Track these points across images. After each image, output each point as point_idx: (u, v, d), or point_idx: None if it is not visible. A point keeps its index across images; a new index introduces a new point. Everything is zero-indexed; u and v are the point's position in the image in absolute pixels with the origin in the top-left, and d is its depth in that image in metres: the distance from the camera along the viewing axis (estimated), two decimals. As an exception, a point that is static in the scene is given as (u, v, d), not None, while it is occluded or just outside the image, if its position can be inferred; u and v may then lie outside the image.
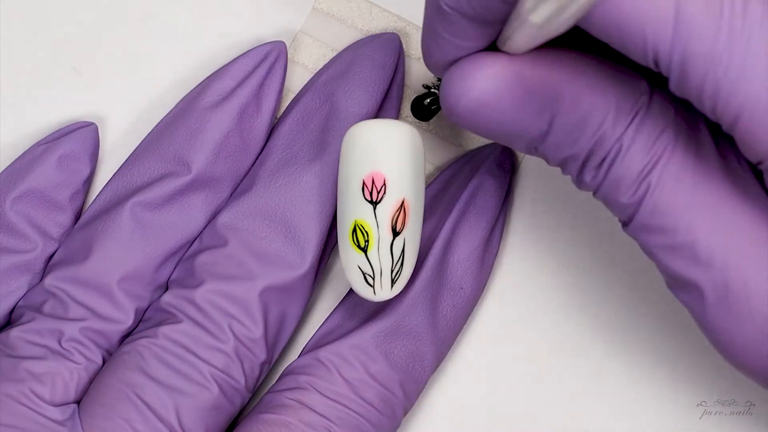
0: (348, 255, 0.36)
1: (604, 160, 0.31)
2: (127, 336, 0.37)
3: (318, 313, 0.40)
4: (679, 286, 0.32)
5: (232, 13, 0.41)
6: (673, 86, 0.29)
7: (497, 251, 0.40)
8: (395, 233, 0.36)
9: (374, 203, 0.35)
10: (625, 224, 0.32)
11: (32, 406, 0.35)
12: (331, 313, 0.39)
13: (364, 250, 0.36)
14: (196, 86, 0.39)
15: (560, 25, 0.27)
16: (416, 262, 0.37)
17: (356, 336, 0.38)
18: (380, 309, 0.38)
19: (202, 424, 0.36)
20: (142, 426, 0.35)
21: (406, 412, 0.38)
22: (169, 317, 0.37)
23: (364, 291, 0.36)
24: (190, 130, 0.38)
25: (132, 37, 0.41)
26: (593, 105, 0.31)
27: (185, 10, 0.41)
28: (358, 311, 0.39)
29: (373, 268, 0.36)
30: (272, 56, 0.39)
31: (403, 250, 0.36)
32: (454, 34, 0.32)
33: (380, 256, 0.36)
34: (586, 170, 0.32)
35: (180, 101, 0.39)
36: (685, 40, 0.28)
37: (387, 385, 0.37)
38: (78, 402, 0.36)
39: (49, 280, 0.37)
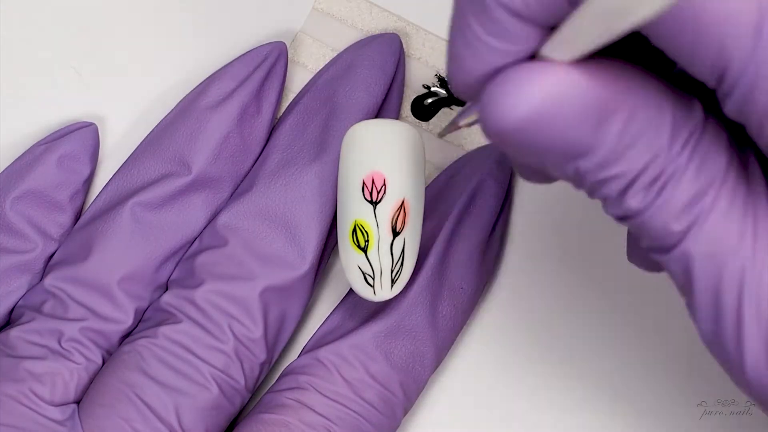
0: (348, 255, 0.36)
1: (656, 180, 0.28)
2: (127, 336, 0.37)
3: (318, 313, 0.40)
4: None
5: (232, 13, 0.41)
6: (731, 107, 0.27)
7: (498, 251, 0.40)
8: (395, 233, 0.36)
9: (374, 203, 0.35)
10: (665, 251, 0.29)
11: (32, 406, 0.35)
12: (331, 313, 0.39)
13: (364, 250, 0.36)
14: (197, 86, 0.39)
15: (634, 19, 0.25)
16: (416, 262, 0.37)
17: (356, 336, 0.38)
18: (380, 309, 0.38)
19: (201, 424, 0.36)
20: (141, 426, 0.35)
21: (406, 412, 0.38)
22: (169, 317, 0.37)
23: (364, 291, 0.36)
24: (190, 130, 0.38)
25: (132, 37, 0.41)
26: (650, 120, 0.28)
27: (185, 10, 0.41)
28: (358, 311, 0.39)
29: (373, 268, 0.36)
30: (272, 57, 0.39)
31: (403, 250, 0.36)
32: (498, 35, 0.27)
33: (380, 256, 0.36)
34: (632, 191, 0.28)
35: (180, 101, 0.39)
36: (763, 58, 0.25)
37: (387, 385, 0.37)
38: (78, 402, 0.36)
39: (49, 280, 0.37)
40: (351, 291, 0.39)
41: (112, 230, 0.37)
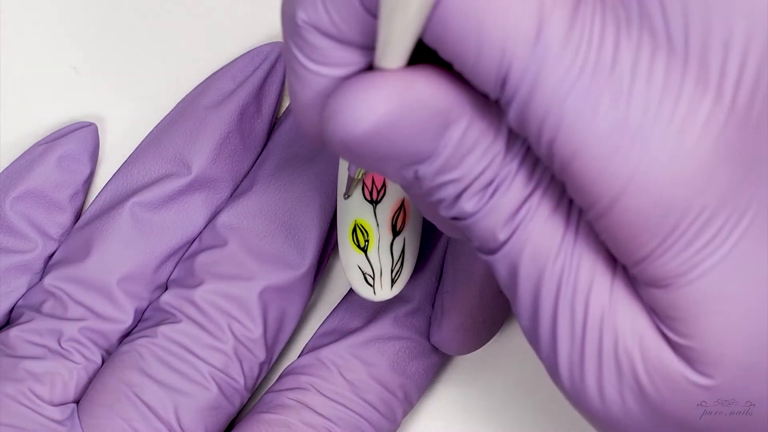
0: (348, 255, 0.36)
1: (489, 184, 0.28)
2: (126, 336, 0.37)
3: (318, 313, 0.40)
4: None
5: (232, 13, 0.41)
6: (512, 116, 0.26)
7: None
8: (395, 233, 0.36)
9: (374, 203, 0.35)
10: (491, 252, 0.29)
11: (31, 405, 0.35)
12: (331, 313, 0.39)
13: (364, 249, 0.36)
14: (197, 87, 0.39)
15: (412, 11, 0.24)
16: (418, 264, 0.37)
17: (358, 337, 0.38)
18: (381, 310, 0.38)
19: (201, 423, 0.36)
20: (141, 425, 0.35)
21: (406, 413, 0.38)
22: (168, 317, 0.37)
23: (364, 291, 0.36)
24: (190, 130, 0.38)
25: (132, 37, 0.41)
26: (489, 126, 0.27)
27: (185, 10, 0.41)
28: (359, 311, 0.39)
29: (373, 267, 0.36)
30: (272, 57, 0.39)
31: (403, 250, 0.36)
32: (322, 61, 0.27)
33: (380, 256, 0.36)
34: (467, 194, 0.28)
35: (180, 102, 0.39)
36: (540, 64, 0.25)
37: (388, 387, 0.37)
38: (77, 402, 0.36)
39: (48, 280, 0.37)
40: (351, 291, 0.39)
41: (112, 230, 0.37)
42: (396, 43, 0.26)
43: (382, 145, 0.26)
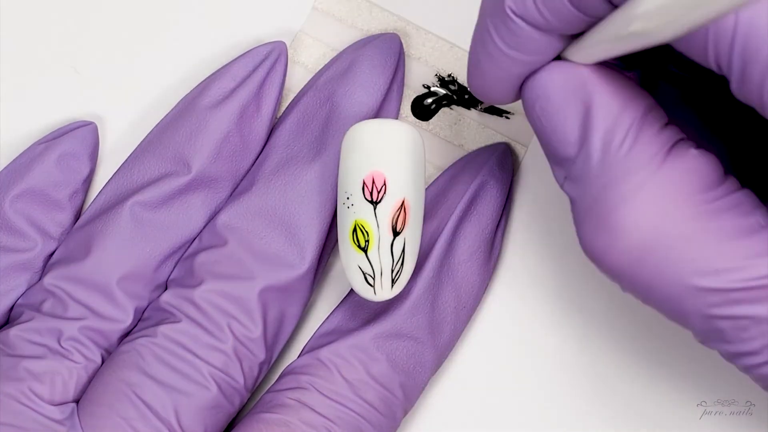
0: (348, 255, 0.36)
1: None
2: (126, 335, 0.37)
3: (318, 313, 0.40)
4: None
5: (232, 13, 0.41)
6: (734, 88, 0.29)
7: (499, 252, 0.40)
8: (395, 233, 0.36)
9: (374, 203, 0.35)
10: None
11: (31, 405, 0.35)
12: (331, 313, 0.39)
13: (365, 250, 0.36)
14: (197, 86, 0.39)
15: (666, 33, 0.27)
16: (417, 263, 0.37)
17: (357, 336, 0.37)
18: (381, 310, 0.38)
19: (200, 423, 0.36)
20: (141, 425, 0.35)
21: (405, 413, 0.38)
22: (168, 316, 0.37)
23: (364, 291, 0.36)
24: (190, 129, 0.38)
25: (132, 37, 0.41)
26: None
27: (185, 10, 0.41)
28: (359, 311, 0.39)
29: (373, 268, 0.36)
30: (273, 56, 0.39)
31: (403, 250, 0.36)
32: (519, 47, 0.31)
33: (380, 256, 0.36)
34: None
35: (180, 101, 0.39)
36: (743, 43, 0.27)
37: (387, 386, 0.37)
38: (77, 401, 0.36)
39: (48, 279, 0.37)
40: (351, 291, 0.39)
41: (112, 229, 0.37)
42: (606, 49, 0.29)
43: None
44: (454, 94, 0.40)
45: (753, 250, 0.29)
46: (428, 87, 0.41)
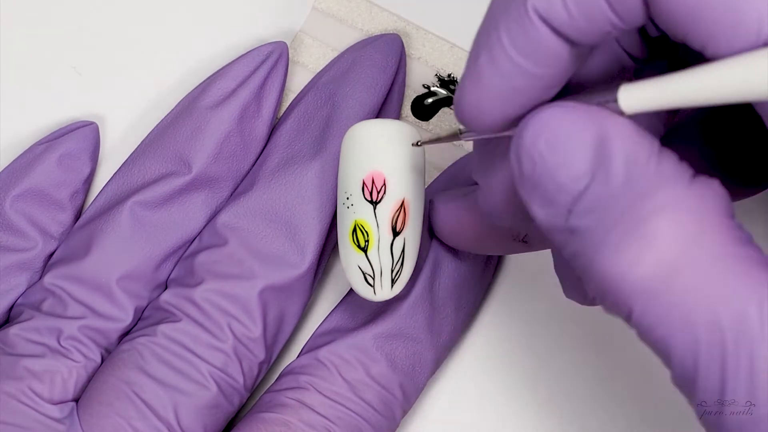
0: (348, 255, 0.36)
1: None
2: (126, 334, 0.37)
3: (318, 313, 0.40)
4: None
5: (233, 13, 0.41)
6: None
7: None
8: (395, 233, 0.36)
9: (374, 203, 0.35)
10: None
11: (31, 404, 0.35)
12: (330, 313, 0.39)
13: (364, 249, 0.36)
14: (198, 86, 0.39)
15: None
16: (417, 263, 0.37)
17: (357, 337, 0.37)
18: (381, 310, 0.38)
19: (200, 422, 0.36)
20: (140, 424, 0.35)
21: (404, 413, 0.38)
22: (168, 316, 0.37)
23: (364, 291, 0.36)
24: (191, 129, 0.38)
25: (132, 37, 0.41)
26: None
27: (186, 10, 0.41)
28: (359, 312, 0.39)
29: (373, 268, 0.36)
30: (274, 57, 0.39)
31: (403, 250, 0.36)
32: (529, 54, 0.27)
33: (380, 256, 0.36)
34: None
35: (181, 101, 0.39)
36: None
37: (387, 387, 0.37)
38: (77, 400, 0.36)
39: (48, 279, 0.37)
40: (351, 291, 0.39)
41: (112, 229, 0.37)
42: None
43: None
44: (453, 94, 0.40)
45: None
46: (428, 87, 0.41)
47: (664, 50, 0.32)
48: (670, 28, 0.27)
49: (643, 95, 0.27)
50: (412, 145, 0.35)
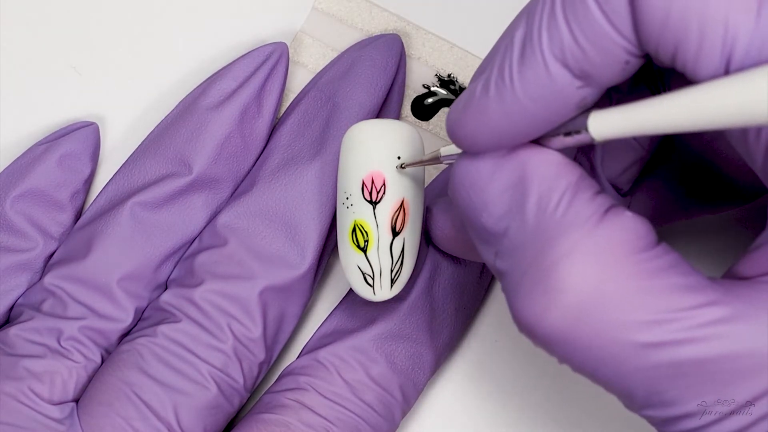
0: (348, 255, 0.36)
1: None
2: (126, 335, 0.37)
3: (318, 313, 0.40)
4: None
5: (233, 13, 0.41)
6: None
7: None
8: (395, 233, 0.36)
9: (374, 203, 0.35)
10: None
11: (31, 404, 0.35)
12: (330, 314, 0.39)
13: (364, 250, 0.36)
14: (198, 87, 0.39)
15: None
16: (417, 264, 0.37)
17: (357, 338, 0.37)
18: (380, 311, 0.38)
19: (200, 423, 0.36)
20: (140, 424, 0.35)
21: (404, 414, 0.38)
22: (168, 316, 0.37)
23: (363, 291, 0.36)
24: (191, 130, 0.38)
25: (132, 37, 0.41)
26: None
27: (186, 10, 0.41)
28: (358, 312, 0.39)
29: (372, 268, 0.36)
30: (274, 57, 0.39)
31: (402, 250, 0.36)
32: (537, 91, 0.28)
33: (380, 256, 0.36)
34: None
35: (181, 102, 0.39)
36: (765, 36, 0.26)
37: (386, 388, 0.37)
38: (77, 400, 0.36)
39: (48, 279, 0.37)
40: (351, 291, 0.39)
41: (112, 230, 0.37)
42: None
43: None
44: (454, 94, 0.40)
45: (696, 302, 0.27)
46: (428, 87, 0.41)
47: (646, 77, 0.32)
48: (658, 48, 0.27)
49: (611, 123, 0.28)
50: (396, 168, 0.35)
